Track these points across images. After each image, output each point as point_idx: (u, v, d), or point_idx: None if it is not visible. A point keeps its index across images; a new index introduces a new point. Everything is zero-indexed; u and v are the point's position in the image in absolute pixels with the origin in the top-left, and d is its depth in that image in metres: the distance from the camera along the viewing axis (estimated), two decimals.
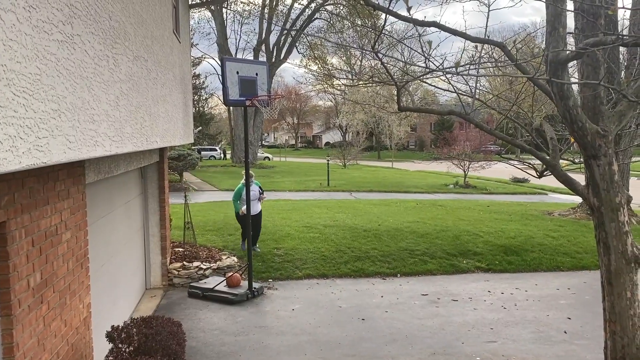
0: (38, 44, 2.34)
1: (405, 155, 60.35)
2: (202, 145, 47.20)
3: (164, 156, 8.86)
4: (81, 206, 4.47)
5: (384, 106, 13.19)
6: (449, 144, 27.82)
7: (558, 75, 3.14)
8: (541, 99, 5.97)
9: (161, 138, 5.93)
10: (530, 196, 22.27)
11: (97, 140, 3.27)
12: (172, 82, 7.10)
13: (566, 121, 3.38)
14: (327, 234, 11.25)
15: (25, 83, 2.20)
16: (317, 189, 22.88)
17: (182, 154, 22.18)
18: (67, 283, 4.13)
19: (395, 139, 54.33)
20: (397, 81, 3.69)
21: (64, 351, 4.03)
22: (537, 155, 3.79)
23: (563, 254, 10.54)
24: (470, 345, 6.30)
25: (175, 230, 10.71)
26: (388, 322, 7.06)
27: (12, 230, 3.18)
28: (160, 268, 8.54)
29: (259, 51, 35.97)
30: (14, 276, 3.20)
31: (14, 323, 3.19)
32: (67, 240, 4.14)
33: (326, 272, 9.30)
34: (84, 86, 3.01)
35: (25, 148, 2.18)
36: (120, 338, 4.38)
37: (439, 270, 9.64)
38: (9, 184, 3.11)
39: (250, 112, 30.52)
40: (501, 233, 11.77)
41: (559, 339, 6.51)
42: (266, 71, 8.39)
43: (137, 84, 4.61)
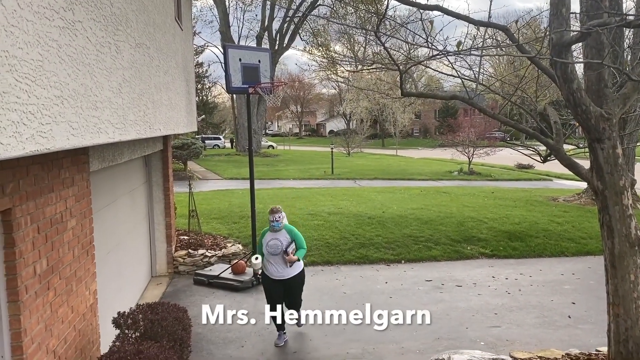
0: (40, 30, 2.34)
1: (410, 143, 60.18)
2: (205, 134, 47.19)
3: (168, 144, 8.87)
4: (86, 194, 4.49)
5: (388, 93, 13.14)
6: (454, 131, 27.77)
7: (562, 57, 3.12)
8: (546, 84, 5.93)
9: (164, 126, 5.93)
10: (535, 182, 22.21)
11: (101, 127, 3.28)
12: (175, 70, 7.08)
13: (570, 104, 3.36)
14: (332, 221, 11.27)
15: (28, 69, 2.20)
16: (321, 177, 22.89)
17: (186, 142, 22.21)
18: (73, 270, 4.16)
19: (400, 126, 54.16)
20: (400, 65, 3.68)
21: (71, 337, 4.07)
22: (541, 139, 3.78)
23: (568, 240, 10.53)
24: (474, 330, 6.33)
25: (180, 218, 10.76)
26: (392, 307, 7.07)
27: (18, 217, 3.20)
28: (166, 256, 8.59)
29: (262, 38, 35.81)
30: (21, 263, 3.23)
31: (21, 309, 3.23)
32: (73, 228, 4.16)
33: (330, 259, 9.33)
34: (86, 73, 3.01)
35: (28, 134, 2.19)
36: (126, 324, 4.42)
37: (443, 257, 9.65)
38: (14, 171, 3.12)
39: (254, 101, 30.46)
40: (505, 219, 11.76)
41: (563, 324, 6.53)
42: (269, 58, 8.36)
43: (139, 71, 4.60)
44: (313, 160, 32.44)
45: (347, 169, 26.31)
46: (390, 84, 18.20)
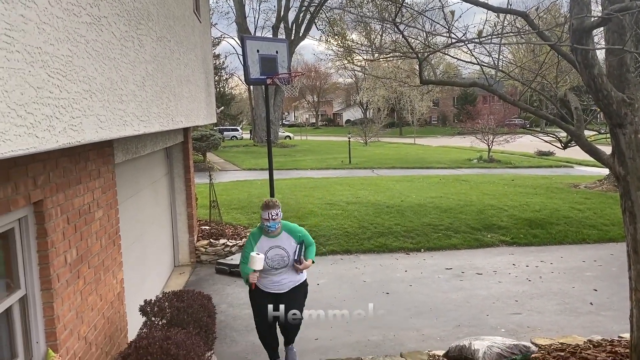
0: (69, 26, 2.41)
1: (428, 131, 59.77)
2: (223, 126, 47.46)
3: (188, 136, 8.98)
4: (111, 185, 4.60)
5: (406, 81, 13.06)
6: (472, 118, 27.51)
7: (582, 43, 3.10)
8: (566, 69, 5.86)
9: (186, 118, 6.02)
10: (556, 169, 21.95)
11: (126, 120, 3.37)
12: (195, 63, 7.16)
13: (591, 90, 3.35)
14: (350, 210, 11.31)
15: (59, 65, 2.28)
16: (338, 166, 22.91)
17: (205, 134, 22.40)
18: (101, 259, 4.28)
19: (417, 114, 53.80)
20: (419, 54, 3.69)
21: (100, 324, 4.20)
22: (561, 125, 3.77)
23: (589, 227, 10.44)
24: (494, 317, 6.35)
25: (201, 209, 10.90)
26: (412, 295, 7.14)
27: (49, 209, 3.31)
28: (188, 245, 8.74)
29: (278, 29, 35.78)
30: (52, 252, 3.35)
31: (54, 296, 3.35)
32: (100, 218, 4.28)
33: (350, 248, 9.40)
34: (112, 67, 3.09)
35: (61, 127, 2.28)
36: (153, 311, 4.54)
37: (463, 245, 9.65)
38: (44, 164, 3.23)
39: (271, 91, 30.52)
40: (526, 207, 11.68)
41: (584, 311, 6.51)
42: (286, 49, 8.39)
43: (161, 65, 4.68)
44: (330, 150, 32.45)
45: (365, 158, 26.28)
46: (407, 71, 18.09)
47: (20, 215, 3.12)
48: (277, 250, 4.61)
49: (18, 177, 2.90)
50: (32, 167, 3.06)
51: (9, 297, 3.08)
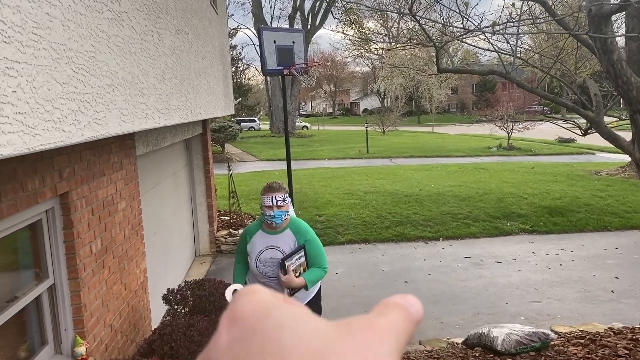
0: (91, 22, 2.48)
1: (446, 119, 59.22)
2: (241, 117, 47.64)
3: (207, 128, 9.08)
4: (133, 177, 4.70)
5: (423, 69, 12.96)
6: (492, 106, 27.17)
7: (601, 29, 3.07)
8: (586, 55, 5.77)
9: (204, 110, 6.09)
10: (577, 156, 21.64)
11: (147, 113, 3.44)
12: (212, 55, 7.22)
13: (610, 76, 3.32)
14: (368, 200, 11.34)
15: (83, 60, 2.34)
16: (356, 156, 22.89)
17: (223, 125, 22.54)
18: (124, 249, 4.39)
19: (436, 102, 53.27)
20: (435, 42, 3.68)
21: (125, 312, 4.32)
22: (580, 112, 3.74)
23: (611, 214, 10.31)
24: (514, 305, 6.34)
25: (220, 199, 11.02)
26: (431, 284, 7.16)
27: (74, 200, 3.41)
28: (208, 236, 8.86)
29: (294, 18, 35.70)
30: (78, 242, 3.45)
31: (80, 285, 3.46)
32: (123, 210, 4.38)
33: (368, 237, 9.43)
34: (132, 61, 3.16)
35: (85, 121, 2.35)
36: (175, 300, 4.64)
37: (482, 233, 9.61)
38: (69, 157, 3.32)
39: (288, 82, 30.53)
40: (546, 194, 11.57)
41: (605, 298, 6.47)
42: (302, 39, 8.40)
43: (180, 58, 4.75)
44: (347, 140, 32.41)
45: (383, 147, 26.21)
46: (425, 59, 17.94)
47: (47, 207, 3.22)
48: (273, 251, 3.44)
49: (45, 170, 2.99)
50: (58, 160, 3.16)
51: (39, 286, 3.19)
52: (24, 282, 3.14)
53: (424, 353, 4.96)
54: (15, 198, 2.67)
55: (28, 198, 2.80)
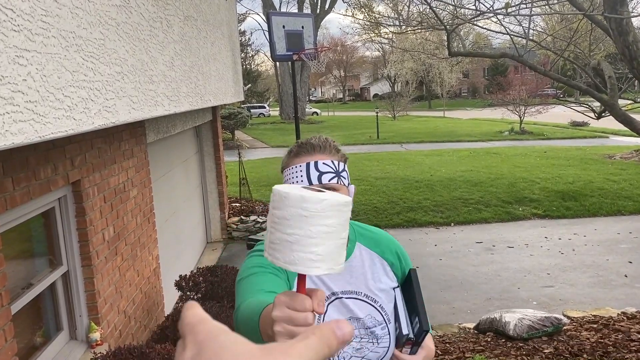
0: (100, 9, 2.47)
1: (458, 104, 58.74)
2: (250, 103, 47.58)
3: (217, 115, 9.07)
4: (144, 164, 4.72)
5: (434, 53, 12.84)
6: (504, 89, 26.89)
7: (616, 9, 3.00)
8: (600, 37, 5.67)
9: (214, 96, 6.09)
10: (590, 140, 21.39)
11: (157, 100, 3.44)
12: (221, 41, 7.19)
13: (625, 58, 3.25)
14: (379, 186, 11.31)
15: (92, 48, 2.34)
16: (366, 142, 22.81)
17: (233, 112, 22.54)
18: (137, 236, 4.43)
19: (447, 86, 52.80)
20: (447, 25, 3.63)
21: (138, 298, 4.37)
22: (594, 95, 3.68)
23: (625, 198, 10.20)
24: (526, 290, 6.32)
25: (231, 186, 11.06)
26: (442, 269, 7.15)
27: (86, 188, 3.43)
28: (220, 222, 8.91)
29: (303, 3, 35.44)
30: (91, 230, 3.48)
31: (94, 272, 3.49)
32: (135, 197, 4.41)
33: (379, 223, 9.42)
34: (142, 48, 3.15)
35: (96, 109, 2.35)
36: (188, 286, 4.68)
37: (494, 218, 9.56)
38: (80, 145, 3.34)
39: (297, 67, 30.39)
40: (559, 179, 11.47)
41: (619, 283, 6.42)
42: (312, 23, 8.34)
43: (189, 44, 4.73)
44: (358, 125, 32.29)
45: (393, 133, 26.09)
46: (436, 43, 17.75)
47: (59, 195, 3.25)
48: (355, 304, 1.47)
49: (57, 158, 3.01)
50: (70, 148, 3.17)
51: (53, 273, 3.23)
52: (39, 269, 3.18)
53: (436, 338, 4.96)
54: (28, 186, 2.69)
55: (41, 186, 2.82)
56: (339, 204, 0.74)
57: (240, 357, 0.37)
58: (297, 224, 0.73)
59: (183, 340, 0.42)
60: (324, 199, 0.73)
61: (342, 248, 0.77)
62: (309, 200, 0.72)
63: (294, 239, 0.73)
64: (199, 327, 0.42)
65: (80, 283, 3.46)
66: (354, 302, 1.46)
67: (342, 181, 1.41)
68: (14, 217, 2.73)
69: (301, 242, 0.73)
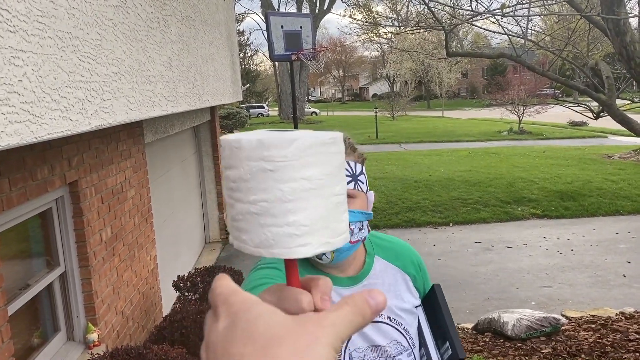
0: (96, 10, 2.46)
1: (457, 104, 58.78)
2: (249, 103, 47.56)
3: (215, 115, 9.07)
4: (142, 165, 4.71)
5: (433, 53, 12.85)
6: (502, 89, 26.90)
7: (614, 10, 3.00)
8: (598, 37, 5.67)
9: (212, 96, 6.08)
10: (589, 140, 21.41)
11: (155, 101, 3.43)
12: (219, 41, 7.18)
13: (622, 58, 3.25)
14: (377, 186, 11.31)
15: (89, 48, 2.33)
16: (365, 142, 22.80)
17: (232, 112, 22.55)
18: (134, 237, 4.42)
19: (446, 86, 52.84)
20: (445, 25, 3.63)
21: (136, 299, 4.36)
22: (592, 95, 3.68)
23: (623, 198, 10.21)
24: (524, 290, 6.32)
25: None
26: (441, 269, 7.15)
27: (84, 189, 3.42)
28: (218, 223, 8.90)
29: (302, 3, 35.43)
30: (89, 230, 3.47)
31: (91, 273, 3.48)
32: (132, 197, 4.40)
33: (377, 224, 9.42)
34: (139, 49, 3.14)
35: (92, 110, 2.34)
36: (186, 287, 4.67)
37: (493, 218, 9.56)
38: (77, 146, 3.33)
39: (296, 67, 30.40)
40: (557, 178, 11.48)
41: (617, 283, 6.42)
42: (310, 24, 8.33)
43: (186, 44, 4.72)
44: (357, 125, 32.28)
45: (392, 132, 26.09)
46: (435, 43, 17.77)
47: (57, 195, 3.24)
48: (385, 329, 1.29)
49: (53, 159, 3.00)
50: (67, 149, 3.17)
51: (50, 273, 3.23)
52: (36, 270, 3.17)
53: None
54: (25, 187, 2.68)
55: (38, 187, 2.81)
56: (319, 142, 0.46)
57: (274, 327, 0.38)
58: (261, 185, 0.46)
59: (215, 310, 0.42)
60: (294, 139, 0.45)
61: (337, 210, 0.48)
62: (272, 146, 0.45)
63: (261, 208, 0.46)
64: (232, 298, 0.42)
65: (77, 284, 3.45)
66: (376, 327, 1.26)
67: (359, 186, 1.25)
68: (10, 217, 2.72)
69: (272, 211, 0.45)
